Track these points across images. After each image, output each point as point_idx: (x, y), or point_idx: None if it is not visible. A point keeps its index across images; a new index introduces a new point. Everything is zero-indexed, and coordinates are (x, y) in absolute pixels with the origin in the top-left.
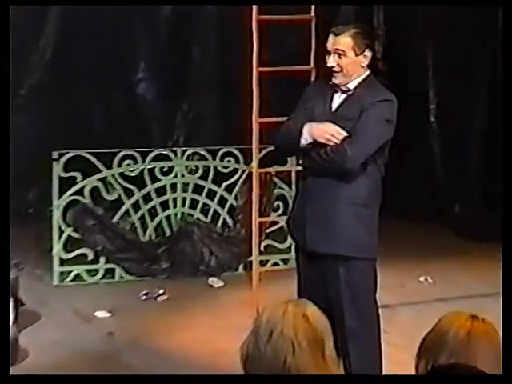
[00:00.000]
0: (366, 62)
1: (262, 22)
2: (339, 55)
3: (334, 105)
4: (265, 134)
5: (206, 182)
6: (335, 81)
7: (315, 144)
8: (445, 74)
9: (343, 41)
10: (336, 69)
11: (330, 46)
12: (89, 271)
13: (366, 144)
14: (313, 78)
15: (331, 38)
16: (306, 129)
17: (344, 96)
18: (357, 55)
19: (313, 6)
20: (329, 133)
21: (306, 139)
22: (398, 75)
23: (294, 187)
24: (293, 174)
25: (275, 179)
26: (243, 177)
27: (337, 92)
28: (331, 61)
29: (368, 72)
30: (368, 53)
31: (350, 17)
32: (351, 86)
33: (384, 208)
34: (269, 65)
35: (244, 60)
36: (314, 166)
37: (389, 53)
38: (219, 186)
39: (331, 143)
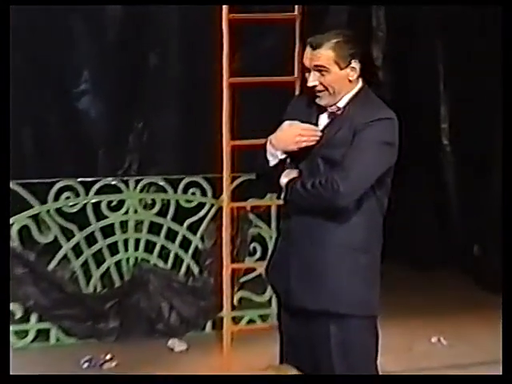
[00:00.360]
0: (356, 75)
1: (234, 22)
2: (320, 72)
3: (321, 127)
4: (238, 160)
5: (164, 220)
6: (321, 102)
7: (294, 155)
8: (460, 86)
9: (323, 55)
10: (319, 88)
11: (307, 61)
12: (17, 333)
13: (363, 174)
14: (297, 91)
15: (308, 52)
16: (267, 144)
17: (332, 116)
18: (342, 69)
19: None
20: (297, 134)
21: (274, 155)
22: (401, 87)
23: (274, 226)
24: (273, 210)
25: (251, 216)
26: (211, 213)
27: (323, 112)
28: (312, 79)
29: (360, 84)
30: (356, 64)
31: (343, 15)
32: (341, 104)
33: (386, 253)
34: (243, 74)
35: (213, 68)
36: (298, 201)
37: (390, 60)
38: (181, 224)
39: (305, 144)
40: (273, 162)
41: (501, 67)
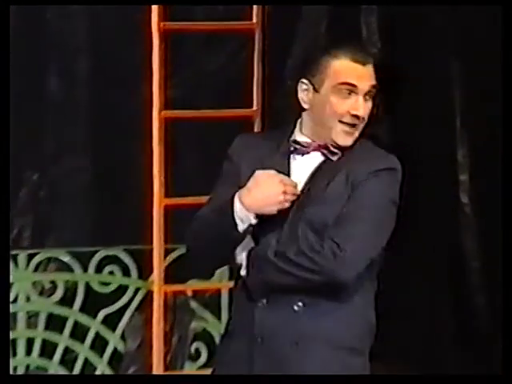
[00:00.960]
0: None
1: (169, 33)
2: (367, 96)
3: (297, 175)
4: (173, 225)
5: (70, 311)
6: (346, 141)
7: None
8: (483, 124)
9: (372, 73)
10: (358, 121)
11: (360, 80)
12: None
13: (370, 238)
14: (257, 128)
15: (359, 67)
16: (236, 203)
17: (317, 161)
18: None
19: (255, 8)
20: (280, 192)
21: (245, 219)
22: (402, 125)
23: (225, 318)
24: (224, 296)
25: (193, 304)
26: (136, 300)
27: (295, 154)
28: (364, 108)
29: None
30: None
31: (321, 23)
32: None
33: (376, 352)
34: (181, 105)
35: (138, 97)
36: (272, 277)
37: (387, 86)
38: (94, 316)
39: (288, 205)
40: (242, 227)
41: (501, 67)
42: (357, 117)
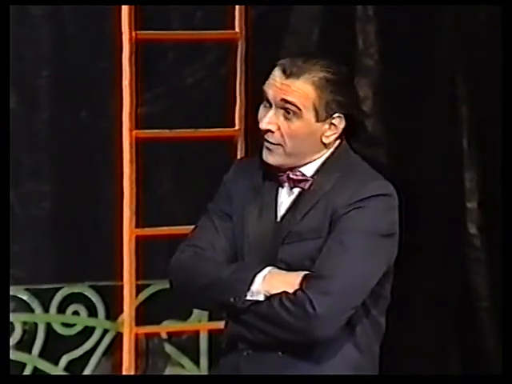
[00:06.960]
0: (332, 137)
1: (141, 43)
2: (287, 112)
3: (282, 208)
4: (145, 259)
5: (28, 357)
6: (269, 159)
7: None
8: (494, 143)
9: (301, 90)
10: (273, 138)
11: (273, 91)
12: None
13: (352, 286)
14: (240, 150)
15: (277, 77)
16: (260, 279)
17: (298, 190)
18: (319, 121)
19: (237, 16)
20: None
21: (256, 294)
22: (402, 145)
23: (204, 363)
24: (202, 338)
25: (167, 347)
26: (104, 344)
27: (284, 183)
28: (269, 119)
29: (336, 142)
30: (339, 120)
31: (312, 32)
32: (308, 171)
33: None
34: (155, 124)
35: (106, 114)
36: (247, 333)
37: (385, 102)
38: (56, 362)
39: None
40: (250, 297)
41: (501, 68)
42: (268, 131)
